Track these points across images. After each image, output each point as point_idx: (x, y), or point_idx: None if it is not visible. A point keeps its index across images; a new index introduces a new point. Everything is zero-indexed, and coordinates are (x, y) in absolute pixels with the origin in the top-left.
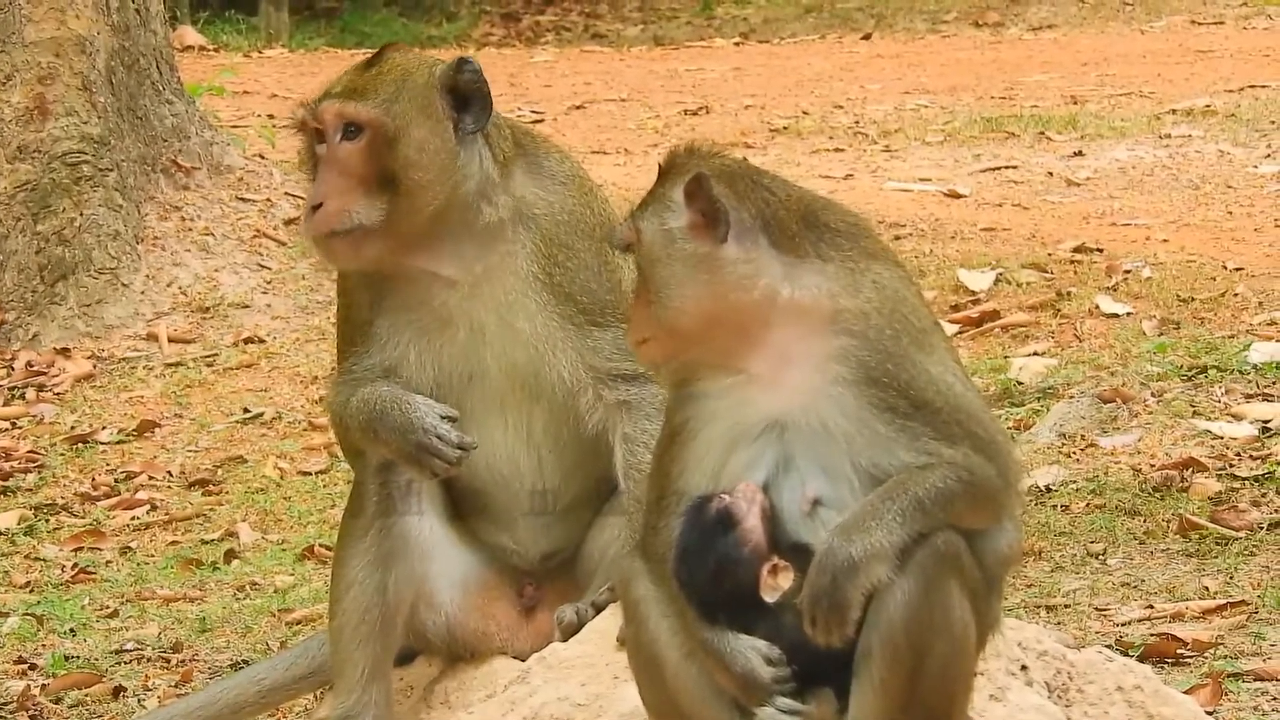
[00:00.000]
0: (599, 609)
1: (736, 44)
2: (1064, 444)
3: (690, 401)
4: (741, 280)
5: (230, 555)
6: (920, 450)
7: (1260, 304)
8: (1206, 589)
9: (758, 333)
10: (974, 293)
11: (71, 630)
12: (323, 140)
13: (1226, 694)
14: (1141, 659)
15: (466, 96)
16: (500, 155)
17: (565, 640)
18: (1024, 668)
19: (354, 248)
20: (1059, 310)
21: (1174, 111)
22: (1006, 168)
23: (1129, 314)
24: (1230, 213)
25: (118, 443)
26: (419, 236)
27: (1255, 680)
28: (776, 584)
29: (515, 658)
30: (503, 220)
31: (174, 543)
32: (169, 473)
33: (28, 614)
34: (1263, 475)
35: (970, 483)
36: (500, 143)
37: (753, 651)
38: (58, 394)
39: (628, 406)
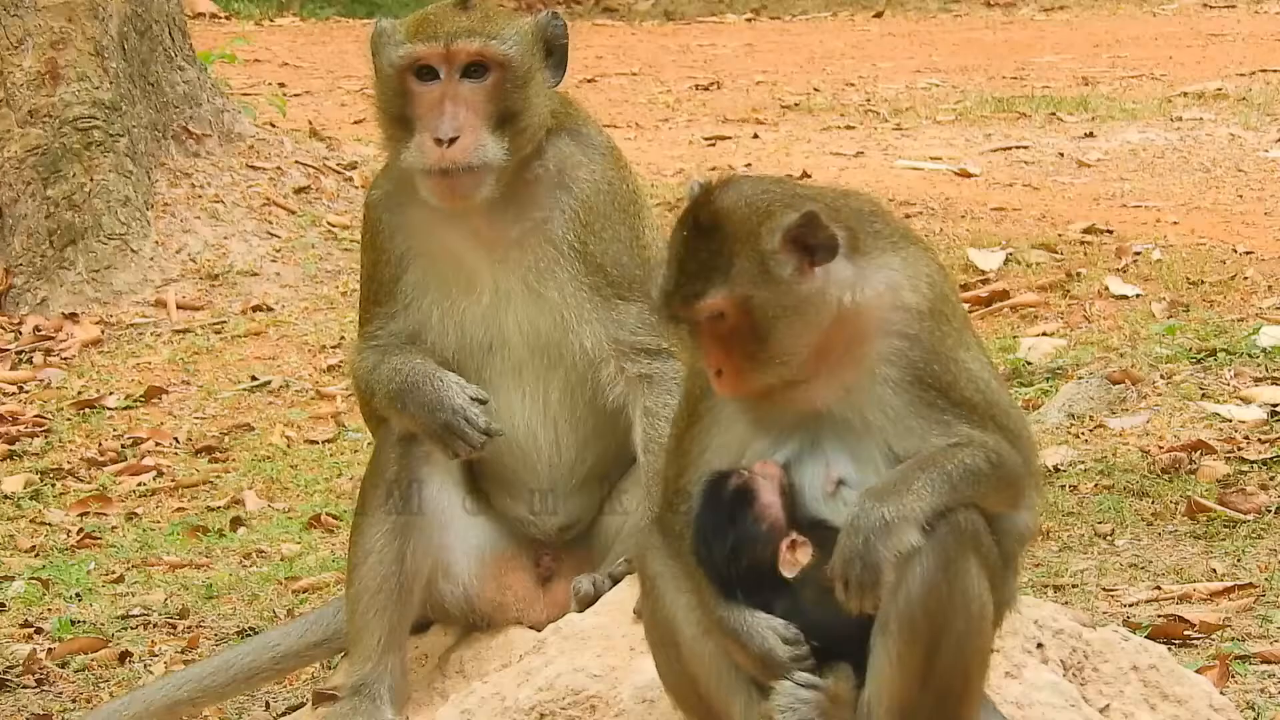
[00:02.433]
0: (615, 580)
1: (748, 20)
2: (1073, 425)
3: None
4: (833, 298)
5: (236, 523)
6: (953, 434)
7: (1270, 288)
8: (1214, 571)
9: (823, 340)
10: (984, 272)
11: (77, 595)
12: (430, 78)
13: (1233, 676)
14: (1152, 642)
15: (551, 49)
16: (552, 113)
17: (581, 611)
18: (1040, 646)
19: (477, 185)
20: (1068, 291)
21: (1185, 94)
22: (1017, 148)
23: (1138, 296)
24: (1241, 196)
25: (125, 409)
26: (501, 186)
27: (1262, 663)
28: (795, 560)
29: (531, 628)
30: (546, 180)
31: (180, 509)
32: (176, 439)
33: (33, 578)
34: (1271, 459)
35: (998, 465)
36: (550, 102)
37: (770, 631)
38: (65, 359)
39: (649, 380)
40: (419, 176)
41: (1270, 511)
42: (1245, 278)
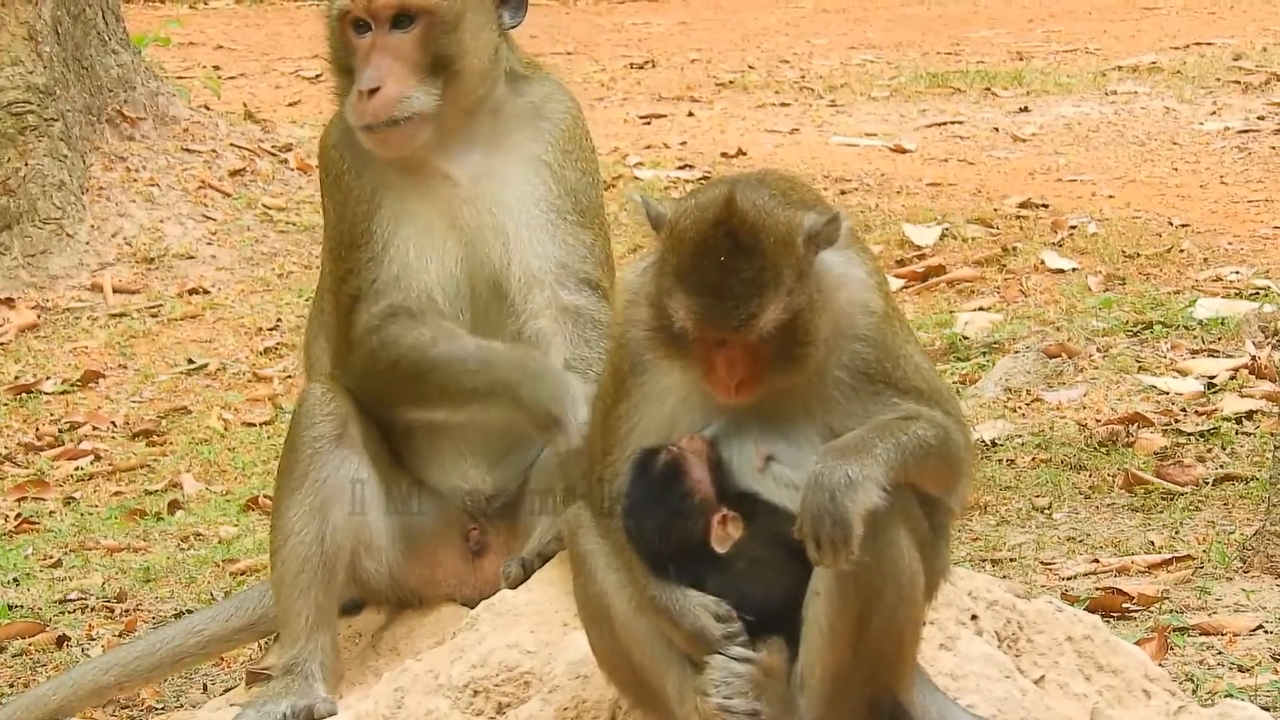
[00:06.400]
0: (545, 559)
1: None
2: (1009, 398)
3: (652, 368)
4: (826, 284)
5: (174, 506)
6: (901, 411)
7: (1205, 260)
8: (1152, 544)
9: None
10: (920, 248)
11: (15, 580)
12: (364, 31)
13: (1172, 648)
14: (1087, 613)
15: None
16: (519, 60)
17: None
18: (974, 617)
19: (409, 136)
20: (1004, 265)
21: (1120, 68)
22: (952, 123)
23: (1075, 269)
24: (1176, 169)
25: (62, 393)
26: (451, 128)
27: (1201, 635)
28: (727, 534)
29: (463, 604)
30: (526, 113)
31: (118, 493)
32: (113, 423)
33: None
34: (1208, 431)
35: (944, 441)
36: (516, 50)
37: (701, 609)
38: (1, 344)
39: (575, 317)
40: (355, 130)
41: (1207, 483)
42: (1181, 250)
